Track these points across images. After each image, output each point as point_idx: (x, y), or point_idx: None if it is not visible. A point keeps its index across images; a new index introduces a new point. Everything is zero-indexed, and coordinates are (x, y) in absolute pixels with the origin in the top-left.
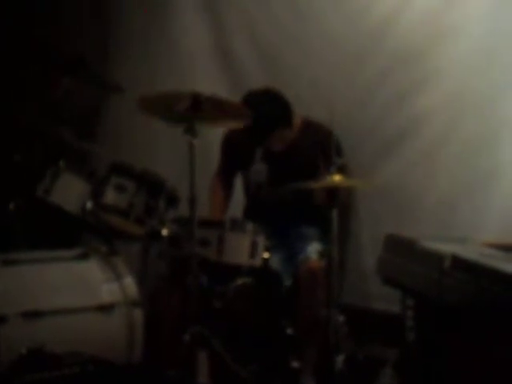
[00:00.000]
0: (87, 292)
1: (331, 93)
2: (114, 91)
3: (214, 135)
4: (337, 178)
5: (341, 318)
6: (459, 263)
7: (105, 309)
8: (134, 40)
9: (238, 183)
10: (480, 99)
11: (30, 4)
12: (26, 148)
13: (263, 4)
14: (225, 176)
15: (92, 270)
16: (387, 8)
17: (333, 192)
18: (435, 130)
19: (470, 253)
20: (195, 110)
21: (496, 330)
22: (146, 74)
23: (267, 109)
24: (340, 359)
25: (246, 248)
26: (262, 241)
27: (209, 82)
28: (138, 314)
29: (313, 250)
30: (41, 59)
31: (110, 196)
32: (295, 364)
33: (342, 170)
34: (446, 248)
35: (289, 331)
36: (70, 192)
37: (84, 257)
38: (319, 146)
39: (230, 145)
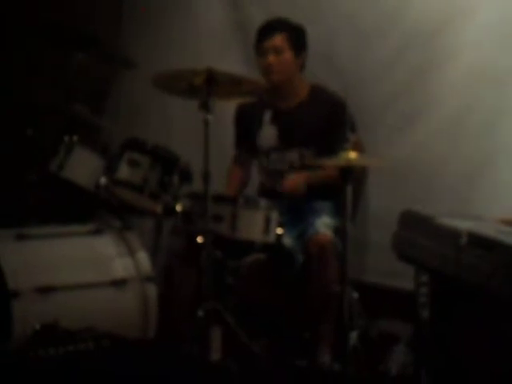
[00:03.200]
0: (100, 267)
1: (346, 69)
2: (128, 67)
3: (228, 110)
4: (351, 155)
5: (354, 295)
6: (476, 240)
7: (118, 284)
8: (149, 15)
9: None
10: (497, 74)
11: None
12: (39, 123)
13: None
14: (241, 156)
15: (105, 245)
16: None
17: (347, 169)
18: (451, 106)
19: (486, 230)
20: (210, 85)
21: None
22: (160, 49)
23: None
24: (354, 335)
25: (260, 224)
26: (275, 217)
27: (223, 57)
28: (152, 290)
29: (322, 223)
30: (53, 35)
31: (124, 171)
32: (307, 336)
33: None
34: (463, 225)
35: (302, 307)
36: (83, 167)
37: (97, 232)
38: (329, 113)
39: (242, 116)
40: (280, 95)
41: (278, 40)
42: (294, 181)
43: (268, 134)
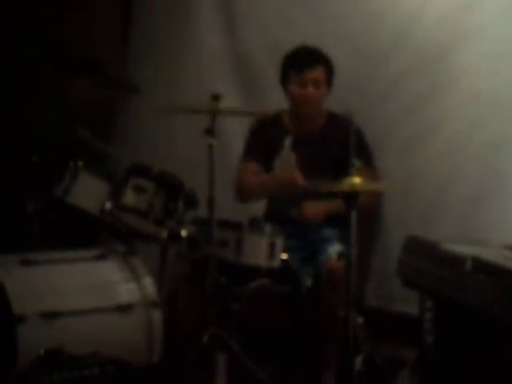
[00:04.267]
0: (106, 292)
1: (350, 94)
2: (133, 93)
3: (233, 137)
4: (356, 180)
5: (360, 319)
6: (480, 265)
7: (123, 309)
8: (154, 41)
9: None
10: (500, 99)
11: (47, 4)
12: (44, 149)
13: (280, 5)
14: (256, 163)
15: (110, 270)
16: (408, 9)
17: (351, 195)
18: (456, 130)
19: (491, 255)
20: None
21: None
22: (166, 75)
23: (313, 47)
24: (359, 360)
25: (264, 249)
26: (280, 242)
27: (227, 85)
28: (157, 315)
29: (333, 250)
30: (58, 61)
31: (129, 197)
32: (312, 361)
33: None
34: (467, 250)
35: (308, 332)
36: (88, 193)
37: (103, 257)
38: (347, 141)
39: (259, 135)
40: (302, 123)
41: (320, 73)
42: (315, 210)
43: (287, 160)
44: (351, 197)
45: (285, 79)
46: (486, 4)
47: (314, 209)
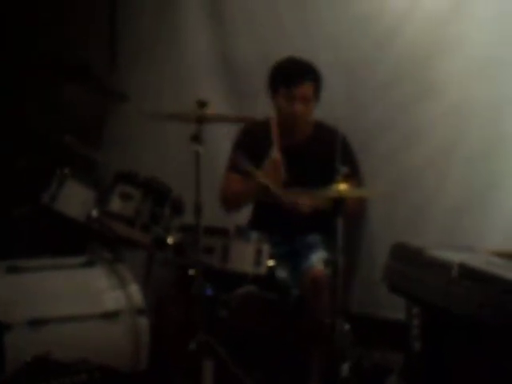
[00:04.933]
0: (92, 299)
1: (336, 99)
2: (121, 99)
3: (219, 143)
4: (341, 186)
5: (346, 326)
6: (466, 272)
7: (109, 316)
8: (142, 48)
9: None
10: (485, 107)
11: (37, 10)
12: (30, 155)
13: (269, 11)
14: (240, 174)
15: (97, 277)
16: (394, 15)
17: (338, 201)
18: (442, 136)
19: (477, 261)
20: (201, 122)
21: (503, 339)
22: (153, 81)
23: (303, 61)
24: (345, 367)
25: (251, 256)
26: (266, 249)
27: (215, 91)
28: (143, 322)
29: (317, 258)
30: (46, 67)
31: (116, 204)
32: (299, 367)
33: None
34: (454, 256)
35: (294, 339)
36: (75, 200)
37: (89, 264)
38: (333, 149)
39: (245, 143)
40: (289, 133)
41: (308, 89)
42: (306, 199)
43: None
44: (338, 203)
45: (273, 92)
46: (472, 11)
47: (304, 199)
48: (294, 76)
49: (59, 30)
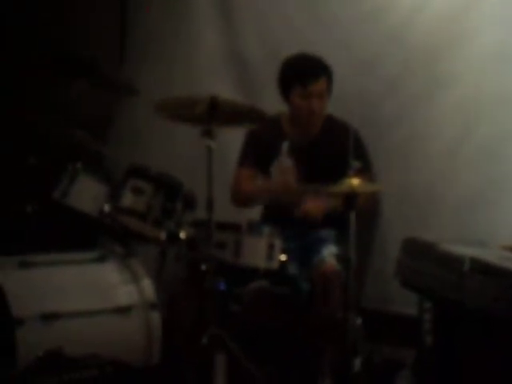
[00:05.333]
0: (104, 294)
1: (346, 95)
2: (130, 94)
3: (230, 137)
4: (354, 181)
5: (358, 321)
6: (478, 266)
7: (122, 311)
8: (151, 42)
9: None
10: (497, 101)
11: (46, 5)
12: (41, 151)
13: (278, 7)
14: (251, 169)
15: (109, 272)
16: (403, 11)
17: (350, 196)
18: (452, 131)
19: (488, 256)
20: (212, 113)
21: None
22: (163, 76)
23: (314, 57)
24: (357, 362)
25: (263, 251)
26: (278, 243)
27: (224, 85)
28: (156, 317)
29: (328, 252)
30: (55, 62)
31: (128, 198)
32: (311, 363)
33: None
34: (465, 251)
35: (306, 333)
36: (87, 195)
37: (101, 259)
38: (344, 145)
39: (258, 141)
40: (300, 128)
41: (323, 84)
42: (316, 206)
43: (284, 166)
44: (350, 198)
45: (286, 90)
46: (481, 7)
47: (314, 205)
48: (308, 74)
49: (67, 23)
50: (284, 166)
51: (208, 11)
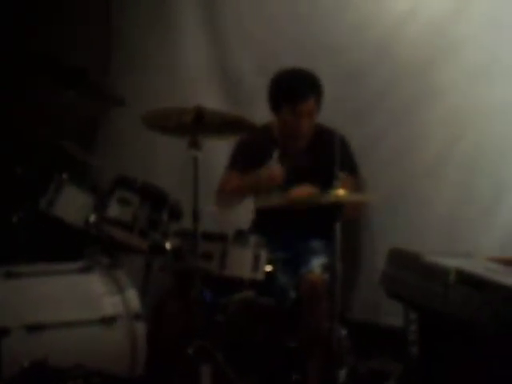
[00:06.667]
0: (89, 305)
1: (334, 105)
2: (117, 104)
3: (216, 148)
4: (340, 192)
5: (343, 332)
6: (464, 277)
7: (107, 322)
8: (136, 53)
9: None
10: (484, 111)
11: (31, 16)
12: (28, 161)
13: (265, 17)
14: (239, 173)
15: (94, 282)
16: (392, 19)
17: (336, 206)
18: (440, 143)
19: (474, 267)
20: (199, 124)
21: (500, 345)
22: (148, 86)
23: (305, 74)
24: (343, 373)
25: (249, 261)
26: (264, 254)
27: (209, 95)
28: (141, 327)
29: (316, 263)
30: (42, 72)
31: (114, 209)
32: (297, 377)
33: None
34: (451, 262)
35: (291, 344)
36: (73, 205)
37: (87, 270)
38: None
39: (247, 146)
40: (291, 142)
41: (312, 104)
42: (302, 190)
43: None
44: (336, 208)
45: (275, 106)
46: (469, 18)
47: (301, 189)
48: (298, 93)
49: (54, 34)
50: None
51: (193, 22)
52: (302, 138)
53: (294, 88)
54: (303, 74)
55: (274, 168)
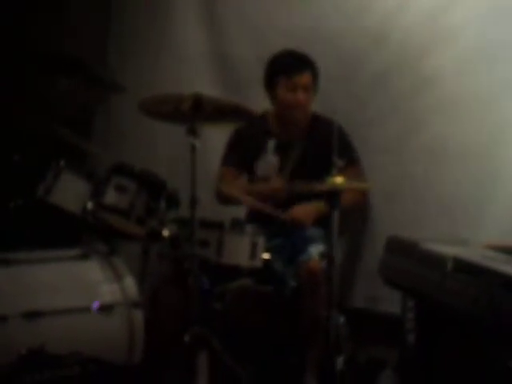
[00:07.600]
0: (87, 292)
1: (330, 94)
2: (115, 91)
3: (214, 136)
4: (338, 180)
5: (341, 319)
6: (461, 265)
7: (105, 309)
8: (135, 40)
9: None
10: (483, 98)
11: (29, 3)
12: (25, 148)
13: (263, 6)
14: (235, 168)
15: (92, 270)
16: (386, 9)
17: (333, 194)
18: (437, 130)
19: (472, 255)
20: (197, 111)
21: (497, 333)
22: (147, 74)
23: (300, 53)
24: (340, 360)
25: (246, 249)
26: (261, 242)
27: (208, 84)
28: (138, 315)
29: (315, 251)
30: (39, 60)
31: (111, 196)
32: (294, 362)
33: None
34: (448, 250)
35: (290, 332)
36: (70, 192)
37: (84, 257)
38: (330, 143)
39: (242, 140)
40: (288, 126)
41: (308, 78)
42: (304, 211)
43: (269, 164)
44: (333, 196)
45: (271, 84)
46: (466, 4)
47: (303, 210)
48: (294, 65)
49: (52, 22)
50: (269, 165)
51: (192, 10)
52: (299, 117)
53: (291, 61)
54: (298, 51)
55: (273, 181)
